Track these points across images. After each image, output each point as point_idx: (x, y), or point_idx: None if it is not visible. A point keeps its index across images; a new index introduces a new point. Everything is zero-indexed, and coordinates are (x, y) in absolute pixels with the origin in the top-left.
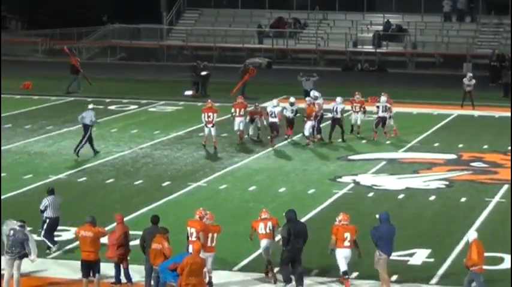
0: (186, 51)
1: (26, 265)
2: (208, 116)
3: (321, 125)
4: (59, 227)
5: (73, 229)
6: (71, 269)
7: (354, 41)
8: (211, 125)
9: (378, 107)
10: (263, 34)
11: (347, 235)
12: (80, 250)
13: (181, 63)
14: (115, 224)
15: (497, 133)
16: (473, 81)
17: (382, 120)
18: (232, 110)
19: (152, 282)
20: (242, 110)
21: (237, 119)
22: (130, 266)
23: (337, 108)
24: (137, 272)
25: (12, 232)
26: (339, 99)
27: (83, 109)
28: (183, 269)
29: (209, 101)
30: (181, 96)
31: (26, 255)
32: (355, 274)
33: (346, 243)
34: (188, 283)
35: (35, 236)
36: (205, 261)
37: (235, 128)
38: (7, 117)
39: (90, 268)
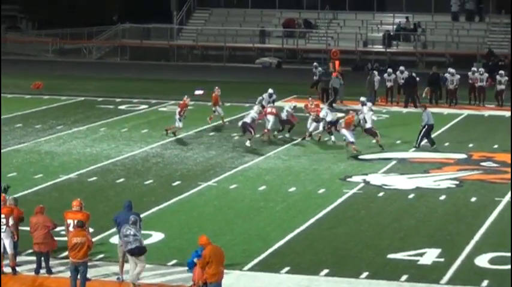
0: (196, 51)
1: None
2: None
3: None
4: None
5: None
6: None
7: (364, 40)
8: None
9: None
10: (266, 34)
11: None
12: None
13: (192, 63)
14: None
15: (507, 133)
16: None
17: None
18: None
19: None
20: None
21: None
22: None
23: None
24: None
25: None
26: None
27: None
28: (206, 263)
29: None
30: (191, 95)
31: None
32: (404, 277)
33: None
34: (216, 273)
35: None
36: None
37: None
38: (18, 116)
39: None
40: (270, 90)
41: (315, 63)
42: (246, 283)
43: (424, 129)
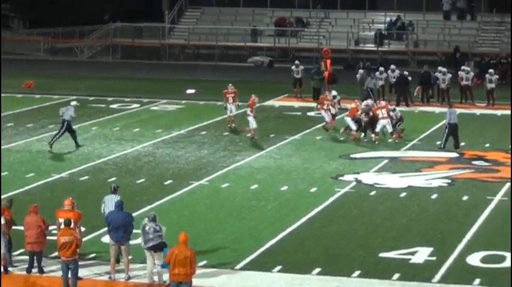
0: (187, 50)
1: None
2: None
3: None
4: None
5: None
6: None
7: (355, 39)
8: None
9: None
10: (257, 33)
11: None
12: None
13: (183, 62)
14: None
15: (499, 131)
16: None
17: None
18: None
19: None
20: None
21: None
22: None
23: None
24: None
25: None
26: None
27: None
28: (169, 260)
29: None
30: (183, 94)
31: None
32: (396, 275)
33: None
34: (175, 273)
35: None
36: (193, 252)
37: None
38: (9, 116)
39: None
40: (334, 92)
41: (296, 62)
42: (237, 282)
43: (447, 129)
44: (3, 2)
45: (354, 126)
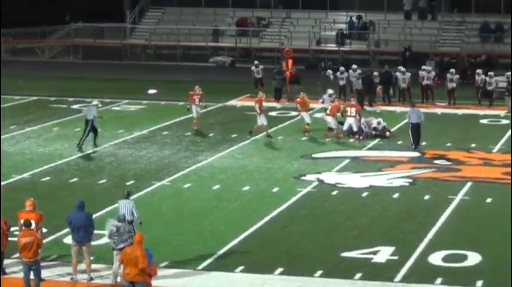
0: (149, 50)
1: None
2: None
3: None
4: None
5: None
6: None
7: (317, 39)
8: None
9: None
10: (219, 33)
11: None
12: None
13: (145, 62)
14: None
15: (460, 131)
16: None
17: None
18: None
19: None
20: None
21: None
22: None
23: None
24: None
25: (115, 229)
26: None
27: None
28: (122, 259)
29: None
30: (144, 95)
31: None
32: (358, 275)
33: None
34: (126, 272)
35: None
36: (144, 252)
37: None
38: None
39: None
40: (330, 91)
41: (255, 62)
42: (200, 282)
43: (410, 129)
44: None
45: (334, 125)
